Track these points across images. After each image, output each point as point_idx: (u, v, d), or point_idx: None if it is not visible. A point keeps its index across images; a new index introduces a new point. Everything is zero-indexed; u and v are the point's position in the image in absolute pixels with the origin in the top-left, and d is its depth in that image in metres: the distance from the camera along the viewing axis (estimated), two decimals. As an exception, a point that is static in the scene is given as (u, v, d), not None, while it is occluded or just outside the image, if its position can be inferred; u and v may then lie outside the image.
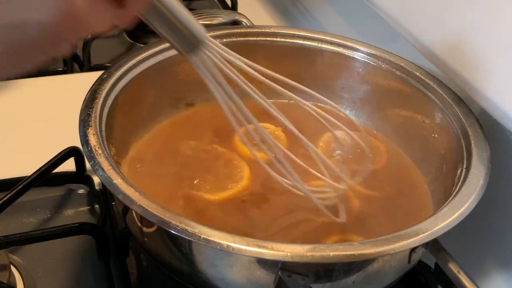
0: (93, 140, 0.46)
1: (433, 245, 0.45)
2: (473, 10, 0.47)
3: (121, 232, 0.53)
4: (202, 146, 0.57)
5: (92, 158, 0.45)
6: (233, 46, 0.61)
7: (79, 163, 0.60)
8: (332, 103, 0.50)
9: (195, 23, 0.41)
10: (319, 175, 0.49)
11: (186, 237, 0.40)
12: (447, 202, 0.45)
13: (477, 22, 0.46)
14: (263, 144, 0.47)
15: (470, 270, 0.44)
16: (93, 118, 0.48)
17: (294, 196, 0.51)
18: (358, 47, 0.61)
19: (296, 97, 0.48)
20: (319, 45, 0.62)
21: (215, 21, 0.63)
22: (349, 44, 0.62)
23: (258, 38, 0.62)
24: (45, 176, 0.56)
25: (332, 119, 0.48)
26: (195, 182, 0.53)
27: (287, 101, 0.65)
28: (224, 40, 0.61)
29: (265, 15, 0.94)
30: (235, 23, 0.64)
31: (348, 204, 0.53)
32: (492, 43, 0.45)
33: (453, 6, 0.49)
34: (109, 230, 0.55)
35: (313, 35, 0.62)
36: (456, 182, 0.48)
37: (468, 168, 0.48)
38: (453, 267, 0.44)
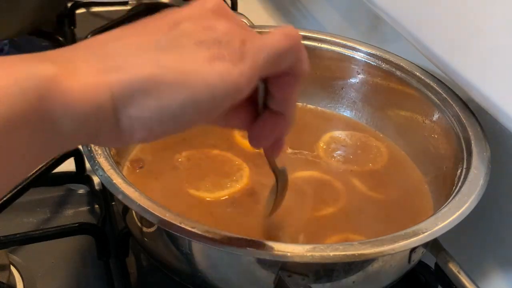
0: (93, 140, 0.46)
1: (433, 245, 0.45)
2: (474, 10, 0.47)
3: (121, 232, 0.53)
4: (202, 146, 0.57)
5: (92, 158, 0.45)
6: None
7: (79, 163, 0.60)
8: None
9: None
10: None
11: (186, 237, 0.40)
12: (447, 202, 0.45)
13: (478, 22, 0.46)
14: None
15: (470, 270, 0.44)
16: (93, 118, 0.48)
17: (294, 196, 0.51)
18: (358, 47, 0.61)
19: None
20: (319, 45, 0.62)
21: (215, 21, 0.63)
22: (349, 44, 0.62)
23: (258, 38, 0.62)
24: (45, 176, 0.56)
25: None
26: (195, 181, 0.53)
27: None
28: (224, 40, 0.61)
29: (265, 15, 0.94)
30: (235, 23, 0.64)
31: (348, 204, 0.53)
32: (493, 43, 0.45)
33: (454, 6, 0.49)
34: (109, 230, 0.55)
35: (313, 35, 0.62)
36: (456, 182, 0.48)
37: (468, 168, 0.48)
38: (453, 267, 0.44)
